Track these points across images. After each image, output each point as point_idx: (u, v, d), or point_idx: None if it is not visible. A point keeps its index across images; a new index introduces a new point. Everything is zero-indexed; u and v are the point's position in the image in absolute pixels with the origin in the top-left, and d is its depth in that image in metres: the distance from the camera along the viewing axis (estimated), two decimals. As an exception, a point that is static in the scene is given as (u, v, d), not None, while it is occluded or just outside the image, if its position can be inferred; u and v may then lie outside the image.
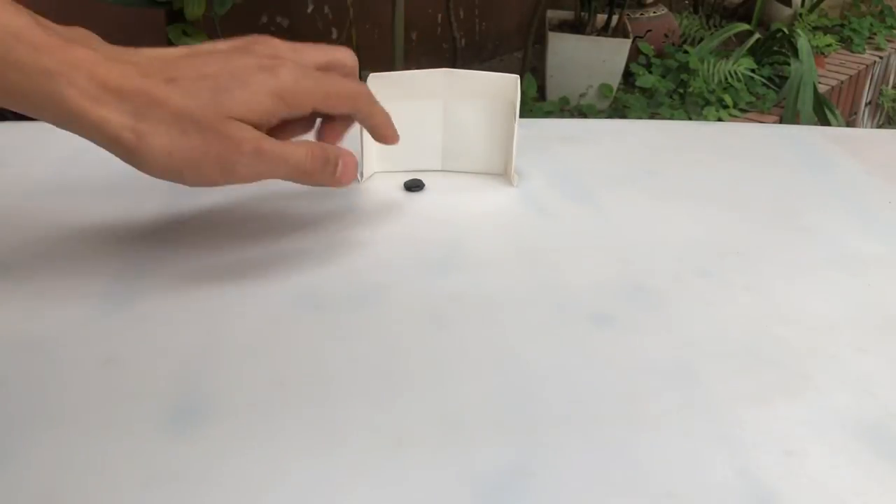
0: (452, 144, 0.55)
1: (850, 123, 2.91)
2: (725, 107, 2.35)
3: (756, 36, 2.61)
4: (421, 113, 0.54)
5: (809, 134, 0.67)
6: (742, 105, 2.40)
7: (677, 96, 2.39)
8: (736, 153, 0.62)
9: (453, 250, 0.47)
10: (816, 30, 3.10)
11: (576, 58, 2.29)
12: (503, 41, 2.69)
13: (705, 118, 2.28)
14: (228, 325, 0.40)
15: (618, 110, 2.33)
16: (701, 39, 2.71)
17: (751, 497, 0.31)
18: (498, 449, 0.33)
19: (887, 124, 3.21)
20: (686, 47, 2.58)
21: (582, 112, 2.31)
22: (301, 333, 0.40)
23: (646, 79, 2.39)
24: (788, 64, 2.40)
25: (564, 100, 2.32)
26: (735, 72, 2.44)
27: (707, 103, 2.36)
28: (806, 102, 2.22)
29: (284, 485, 0.31)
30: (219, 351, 0.38)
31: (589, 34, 2.32)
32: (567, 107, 2.32)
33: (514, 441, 0.34)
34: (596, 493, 0.31)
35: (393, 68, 0.95)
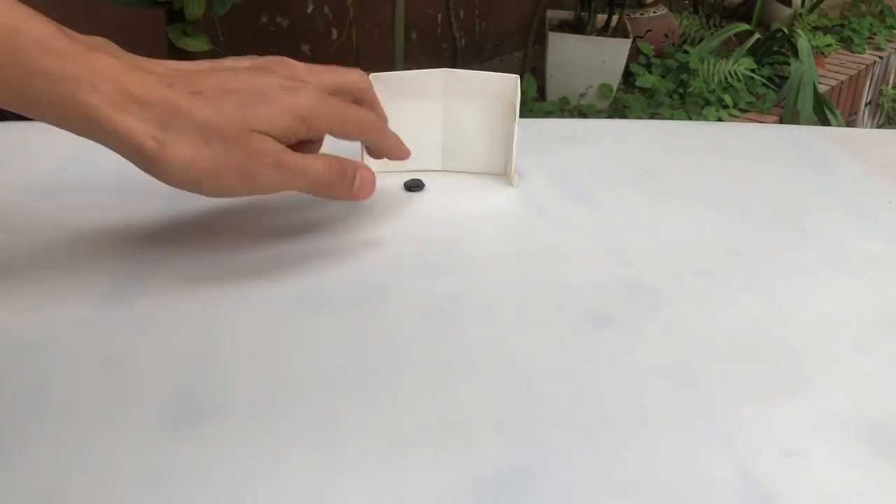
0: (452, 144, 0.55)
1: (850, 123, 2.91)
2: (725, 107, 2.35)
3: (756, 36, 2.61)
4: (421, 113, 0.54)
5: (809, 134, 0.67)
6: (742, 105, 2.40)
7: (677, 96, 2.39)
8: (736, 153, 0.62)
9: (453, 250, 0.47)
10: (816, 30, 3.10)
11: (576, 58, 2.29)
12: (503, 41, 2.69)
13: (705, 118, 2.28)
14: (228, 326, 0.40)
15: (618, 110, 2.33)
16: (701, 39, 2.71)
17: (751, 497, 0.31)
18: (498, 449, 0.33)
19: (887, 124, 3.20)
20: (686, 47, 2.58)
21: (582, 112, 2.31)
22: (301, 334, 0.40)
23: (646, 79, 2.39)
24: (788, 64, 2.40)
25: (564, 100, 2.32)
26: (735, 72, 2.44)
27: (707, 103, 2.36)
28: (806, 102, 2.22)
29: (284, 485, 0.31)
30: (218, 351, 0.38)
31: (589, 34, 2.32)
32: (567, 107, 2.32)
33: (514, 441, 0.34)
34: (596, 493, 0.31)
35: (393, 68, 0.95)
